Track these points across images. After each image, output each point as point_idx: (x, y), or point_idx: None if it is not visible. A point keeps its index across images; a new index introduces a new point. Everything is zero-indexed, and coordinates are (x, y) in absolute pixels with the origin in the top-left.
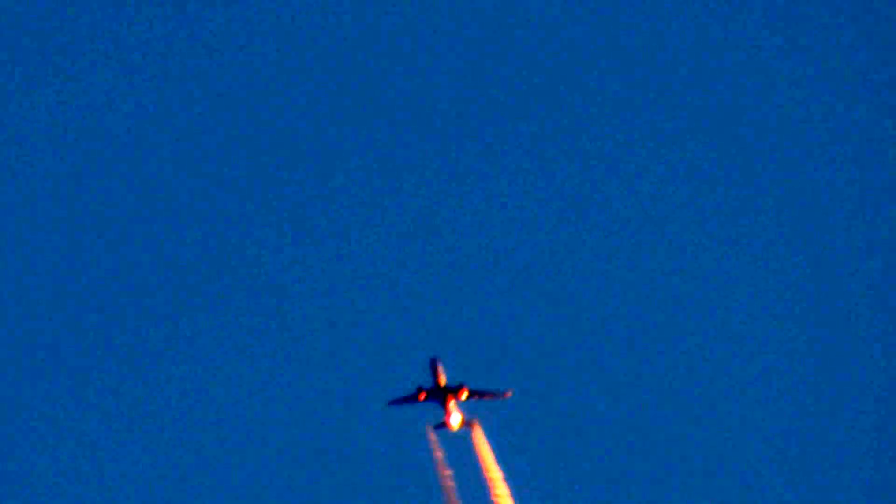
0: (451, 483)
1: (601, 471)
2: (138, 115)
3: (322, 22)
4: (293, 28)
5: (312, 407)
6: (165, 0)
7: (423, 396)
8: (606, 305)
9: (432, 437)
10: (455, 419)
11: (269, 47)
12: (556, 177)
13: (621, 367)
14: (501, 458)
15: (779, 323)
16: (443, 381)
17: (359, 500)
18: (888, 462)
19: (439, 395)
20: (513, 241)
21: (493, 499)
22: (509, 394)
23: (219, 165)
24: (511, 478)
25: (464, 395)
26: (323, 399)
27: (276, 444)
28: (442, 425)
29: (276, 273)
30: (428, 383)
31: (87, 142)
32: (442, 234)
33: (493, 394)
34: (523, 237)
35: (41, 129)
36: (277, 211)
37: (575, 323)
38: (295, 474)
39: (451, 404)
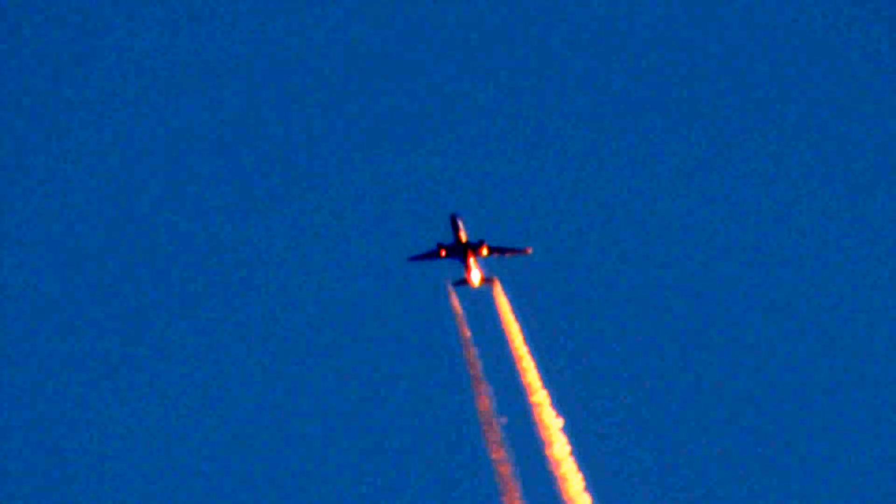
0: (470, 341)
1: (619, 327)
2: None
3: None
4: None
5: (332, 265)
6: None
7: (443, 253)
8: (628, 161)
9: (452, 294)
10: (475, 275)
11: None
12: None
13: (642, 225)
14: (521, 317)
15: None
16: (463, 237)
17: (378, 359)
18: None
19: (459, 252)
20: (534, 95)
21: (514, 356)
22: (529, 250)
23: None
24: (530, 335)
25: (484, 252)
26: (342, 257)
27: (293, 301)
28: (462, 282)
29: (295, 126)
30: (448, 240)
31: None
32: (463, 88)
33: (513, 250)
34: (544, 90)
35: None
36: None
37: (595, 179)
38: (314, 333)
39: (472, 261)
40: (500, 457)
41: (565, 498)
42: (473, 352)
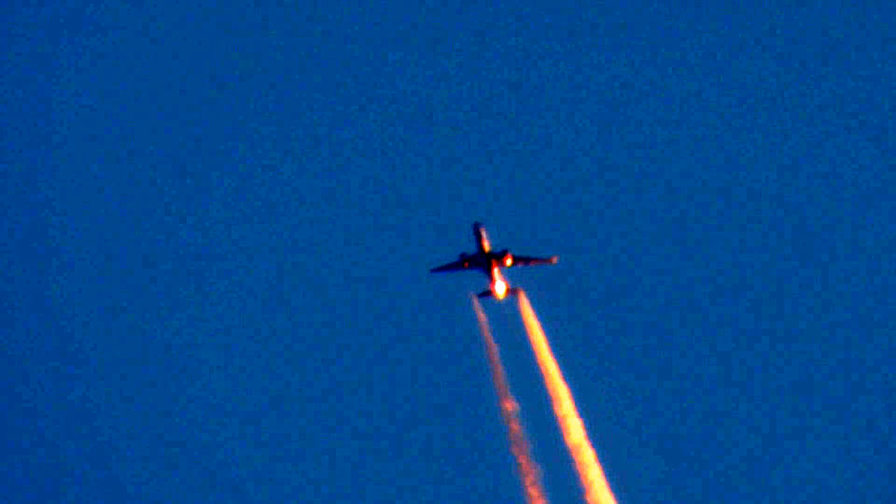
0: (496, 352)
1: (646, 339)
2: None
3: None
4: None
5: (355, 275)
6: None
7: (466, 263)
8: (653, 168)
9: (477, 306)
10: (500, 287)
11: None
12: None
13: (668, 232)
14: (548, 328)
15: None
16: (487, 246)
17: (403, 369)
18: None
19: (483, 262)
20: (558, 102)
21: (540, 368)
22: (555, 260)
23: None
24: (557, 347)
25: (508, 262)
26: (365, 268)
27: (317, 314)
28: (487, 293)
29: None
30: (471, 250)
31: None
32: (487, 94)
33: (539, 259)
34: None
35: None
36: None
37: (621, 187)
38: (337, 347)
39: (496, 271)
40: (526, 466)
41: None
42: (499, 364)
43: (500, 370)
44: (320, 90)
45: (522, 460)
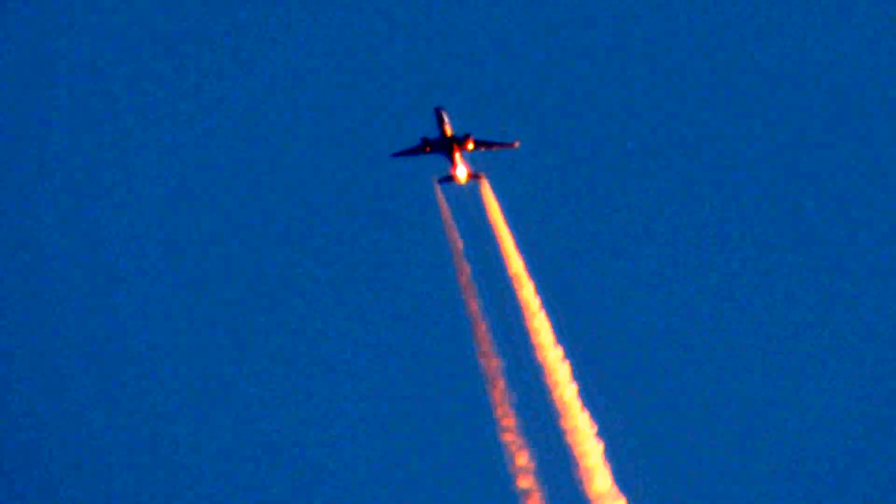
0: (458, 240)
1: (611, 223)
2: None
3: None
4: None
5: (316, 160)
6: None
7: (428, 148)
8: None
9: (439, 191)
10: (461, 171)
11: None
12: None
13: (632, 106)
14: (510, 215)
15: None
16: (448, 130)
17: (365, 258)
18: None
19: (445, 146)
20: None
21: (503, 256)
22: (517, 144)
23: None
24: (519, 234)
25: (470, 146)
26: (327, 153)
27: (276, 201)
28: (448, 178)
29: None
30: (433, 134)
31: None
32: None
33: (500, 144)
34: None
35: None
36: None
37: (587, 66)
38: (298, 236)
39: (457, 156)
40: (493, 366)
41: (557, 404)
42: (461, 253)
43: (462, 260)
44: None
45: (487, 359)
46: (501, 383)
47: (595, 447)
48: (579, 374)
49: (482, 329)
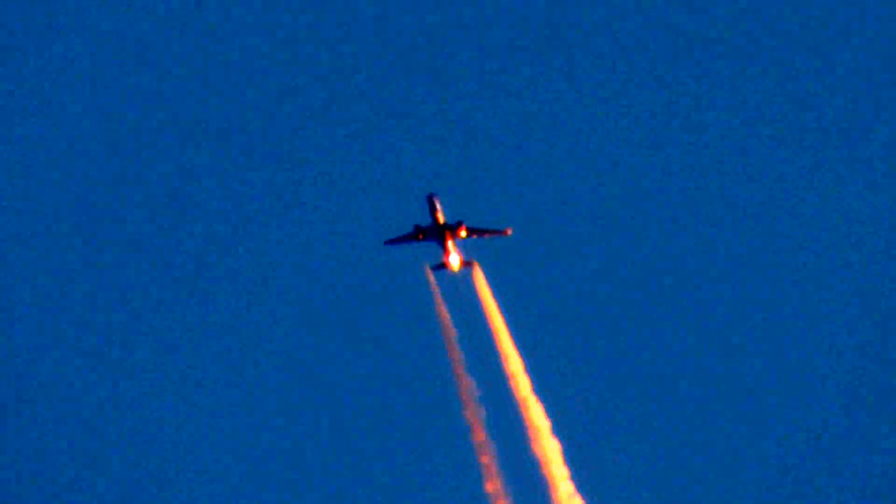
0: (451, 327)
1: (600, 311)
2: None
3: None
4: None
5: (309, 248)
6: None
7: (421, 235)
8: (609, 141)
9: (431, 279)
10: (454, 259)
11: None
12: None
13: (624, 207)
14: (503, 301)
15: None
16: (441, 218)
17: (358, 344)
18: None
19: (437, 234)
20: (512, 72)
21: (496, 342)
22: (509, 231)
23: None
24: (512, 319)
25: (462, 233)
26: (319, 242)
27: (269, 286)
28: (441, 266)
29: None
30: (425, 221)
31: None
32: (439, 65)
33: (493, 231)
34: (522, 67)
35: None
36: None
37: (575, 160)
38: (292, 318)
39: (450, 243)
40: (483, 442)
41: (549, 480)
42: (454, 338)
43: (455, 345)
44: (270, 58)
45: (480, 439)
46: (494, 472)
47: None
48: (571, 461)
49: (475, 414)
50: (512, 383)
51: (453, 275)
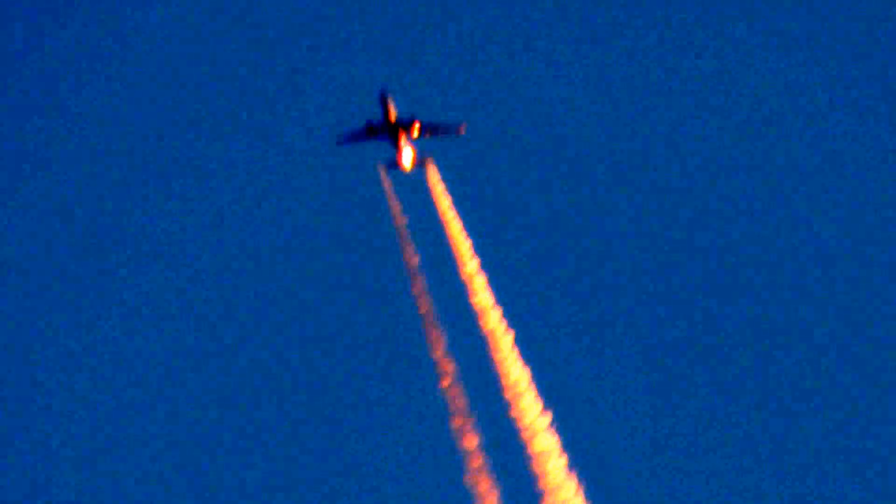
0: (405, 226)
1: (556, 205)
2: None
3: None
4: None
5: (264, 144)
6: None
7: (372, 132)
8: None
9: (384, 178)
10: (407, 156)
11: None
12: None
13: (582, 95)
14: (457, 200)
15: None
16: (393, 115)
17: (310, 248)
18: None
19: (390, 131)
20: None
21: (450, 242)
22: (462, 128)
23: None
24: (466, 217)
25: (415, 131)
26: (272, 135)
27: (224, 188)
28: (394, 164)
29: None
30: (377, 118)
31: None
32: None
33: (447, 128)
34: None
35: None
36: None
37: (537, 52)
38: (242, 226)
39: (403, 140)
40: (441, 355)
41: (497, 363)
42: (409, 239)
43: (409, 245)
44: None
45: (433, 334)
46: (451, 370)
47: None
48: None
49: (429, 317)
50: (467, 281)
51: (406, 174)
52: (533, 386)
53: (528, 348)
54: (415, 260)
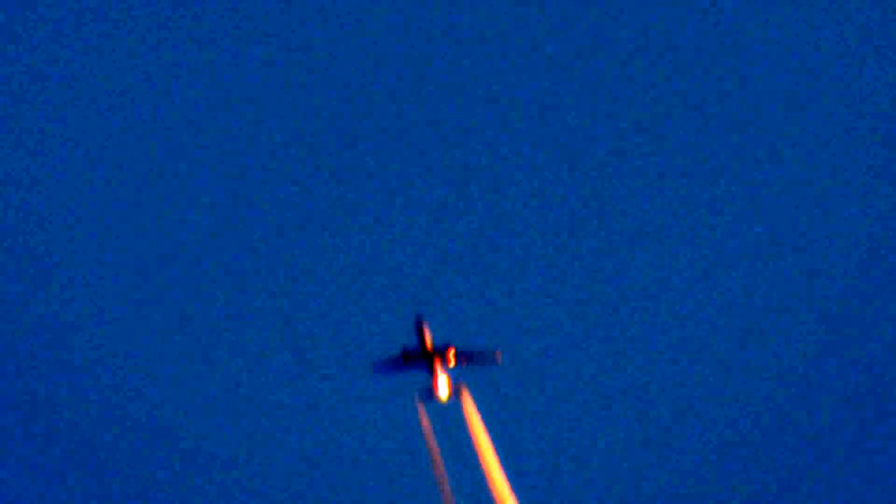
0: (438, 455)
1: (590, 439)
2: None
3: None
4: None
5: (295, 372)
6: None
7: (408, 360)
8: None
9: (422, 413)
10: (443, 386)
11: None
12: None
13: (616, 334)
14: (490, 427)
15: None
16: (429, 342)
17: (346, 475)
18: None
19: (426, 358)
20: (501, 193)
21: (483, 469)
22: (499, 357)
23: None
24: (501, 445)
25: (452, 359)
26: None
27: (261, 410)
28: (430, 395)
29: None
30: (413, 345)
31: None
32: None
33: (482, 356)
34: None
35: None
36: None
37: (568, 289)
38: (275, 457)
39: (439, 368)
40: None
41: None
42: (443, 469)
43: (444, 476)
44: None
45: None
46: None
47: None
48: None
49: None
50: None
51: (442, 405)
52: None
53: None
54: (447, 487)
